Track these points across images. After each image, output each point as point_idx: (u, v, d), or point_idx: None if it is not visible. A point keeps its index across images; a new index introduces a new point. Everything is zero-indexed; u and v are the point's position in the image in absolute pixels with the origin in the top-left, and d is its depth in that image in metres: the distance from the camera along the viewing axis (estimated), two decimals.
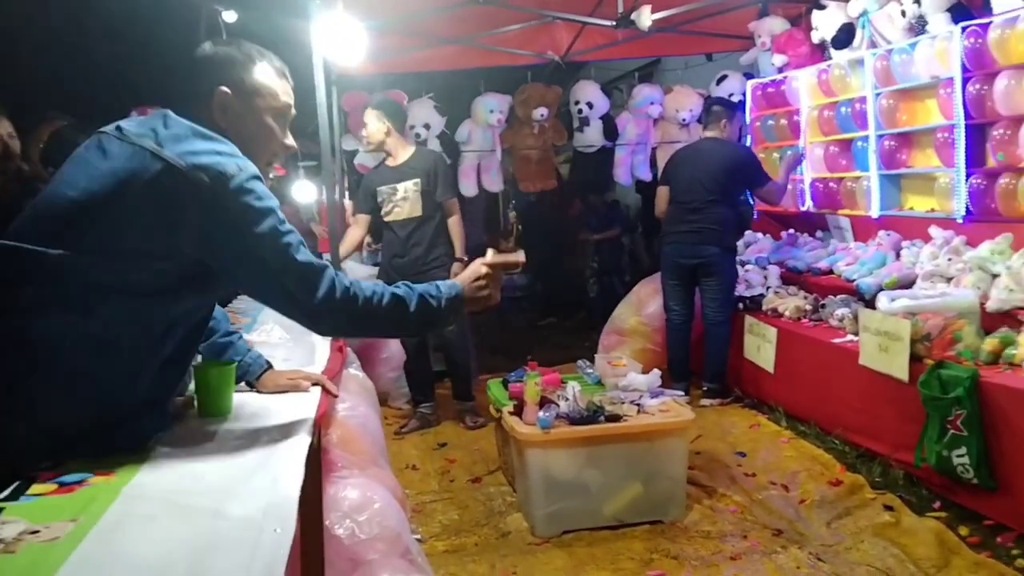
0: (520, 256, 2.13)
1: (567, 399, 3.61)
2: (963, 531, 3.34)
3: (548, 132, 6.83)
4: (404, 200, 5.15)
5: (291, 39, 4.24)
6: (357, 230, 5.42)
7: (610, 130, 6.89)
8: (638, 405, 3.71)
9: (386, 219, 5.22)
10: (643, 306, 6.00)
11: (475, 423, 5.28)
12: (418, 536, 3.50)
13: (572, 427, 3.51)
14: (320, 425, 2.21)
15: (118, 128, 1.75)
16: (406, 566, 2.59)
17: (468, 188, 6.81)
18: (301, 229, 6.48)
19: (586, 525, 3.56)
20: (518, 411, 3.65)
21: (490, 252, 2.11)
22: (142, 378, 1.70)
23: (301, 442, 1.79)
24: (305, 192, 9.02)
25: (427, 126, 6.52)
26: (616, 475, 3.58)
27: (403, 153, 5.17)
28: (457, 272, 4.99)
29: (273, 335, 2.99)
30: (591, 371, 4.29)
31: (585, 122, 6.84)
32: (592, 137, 6.88)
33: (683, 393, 4.47)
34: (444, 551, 3.47)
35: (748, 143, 6.71)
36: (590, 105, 6.77)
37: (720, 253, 5.33)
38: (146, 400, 1.73)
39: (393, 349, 5.70)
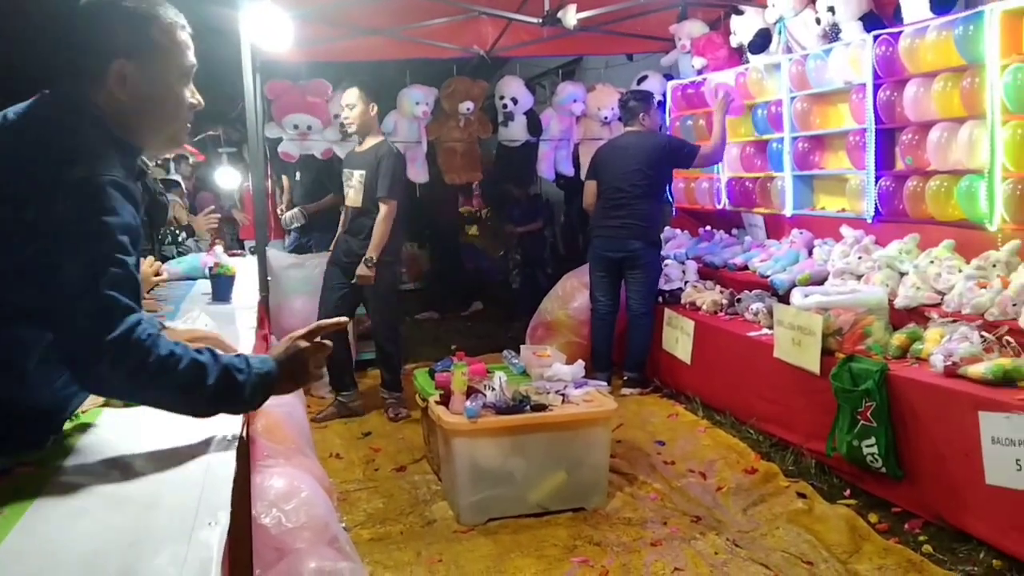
0: (343, 320, 1.89)
1: (493, 389, 3.64)
2: (872, 518, 3.49)
3: (474, 125, 6.84)
4: (351, 188, 5.20)
5: (216, 26, 4.16)
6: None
7: (534, 125, 6.94)
8: (563, 395, 3.77)
9: (345, 201, 5.35)
10: (569, 300, 6.07)
11: (396, 415, 5.26)
12: (343, 525, 3.47)
13: (498, 417, 3.54)
14: (248, 415, 2.18)
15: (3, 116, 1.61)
16: (334, 554, 2.57)
17: None
18: (223, 216, 6.32)
19: (511, 513, 3.59)
20: (444, 401, 3.66)
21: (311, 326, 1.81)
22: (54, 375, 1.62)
23: (231, 430, 1.76)
24: (228, 178, 8.86)
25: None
26: (541, 464, 3.63)
27: (370, 140, 5.20)
28: (361, 273, 5.03)
29: (199, 323, 2.92)
30: (517, 361, 4.33)
31: (510, 117, 6.87)
32: (516, 132, 6.92)
33: (605, 383, 4.55)
34: (369, 539, 3.46)
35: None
36: (515, 100, 6.80)
37: (645, 247, 5.46)
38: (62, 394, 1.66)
39: None
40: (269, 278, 4.99)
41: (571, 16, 5.19)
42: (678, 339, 5.42)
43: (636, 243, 5.45)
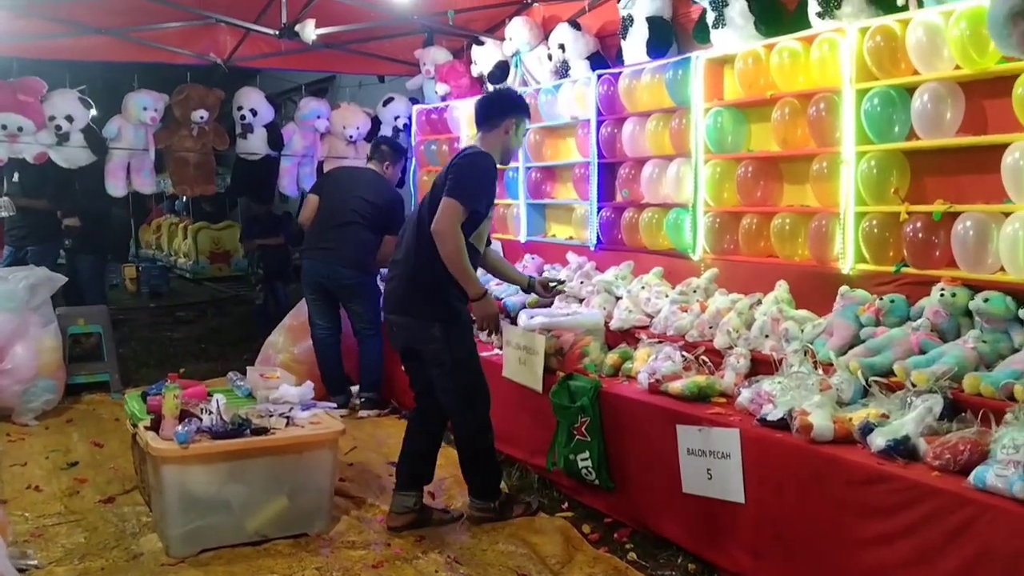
0: None
1: (210, 412, 3.45)
2: (586, 529, 3.67)
3: (209, 136, 6.53)
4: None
5: None
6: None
7: (275, 139, 6.76)
8: (287, 418, 3.65)
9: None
10: (296, 341, 5.80)
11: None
12: (34, 562, 3.16)
13: (214, 441, 3.36)
14: None
15: None
16: None
17: (117, 188, 6.34)
18: None
19: (227, 542, 3.41)
20: (155, 426, 3.42)
21: None
22: None
23: None
24: None
25: (69, 118, 5.94)
26: (261, 489, 3.48)
27: None
28: None
29: None
30: (242, 384, 4.15)
31: (248, 129, 6.65)
32: (256, 145, 6.70)
33: (336, 406, 4.46)
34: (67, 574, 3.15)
35: (413, 165, 6.95)
36: (254, 112, 6.59)
37: (358, 276, 5.42)
38: None
39: (18, 359, 5.12)
40: None
41: (310, 31, 5.13)
42: None
43: (349, 271, 5.40)
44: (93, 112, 6.16)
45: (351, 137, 6.97)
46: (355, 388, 5.62)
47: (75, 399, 5.75)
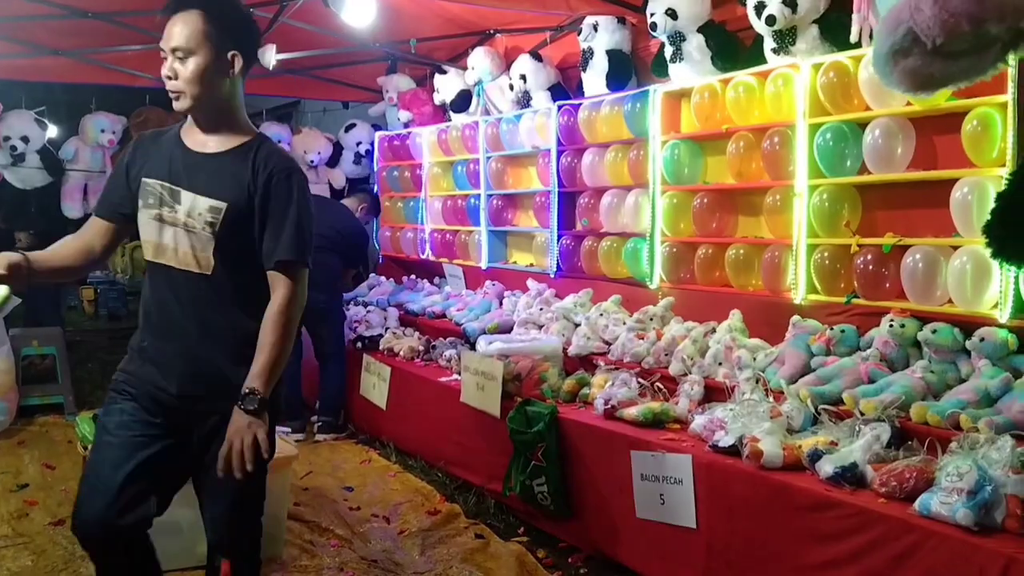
0: None
1: None
2: (541, 554, 3.67)
3: None
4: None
5: None
6: None
7: None
8: None
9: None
10: None
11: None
12: None
13: None
14: None
15: None
16: None
17: (73, 209, 6.28)
18: None
19: (177, 566, 3.35)
20: None
21: None
22: None
23: None
24: None
25: (25, 139, 5.89)
26: None
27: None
28: None
29: None
30: None
31: None
32: None
33: (291, 431, 4.43)
34: None
35: (375, 190, 6.99)
36: None
37: (328, 300, 5.43)
38: None
39: None
40: None
41: (270, 55, 5.14)
42: (375, 384, 5.43)
43: (319, 295, 5.36)
44: (51, 133, 6.11)
45: (312, 162, 6.98)
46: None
47: (28, 420, 5.64)
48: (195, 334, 2.31)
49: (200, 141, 2.34)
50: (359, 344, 5.65)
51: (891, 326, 3.30)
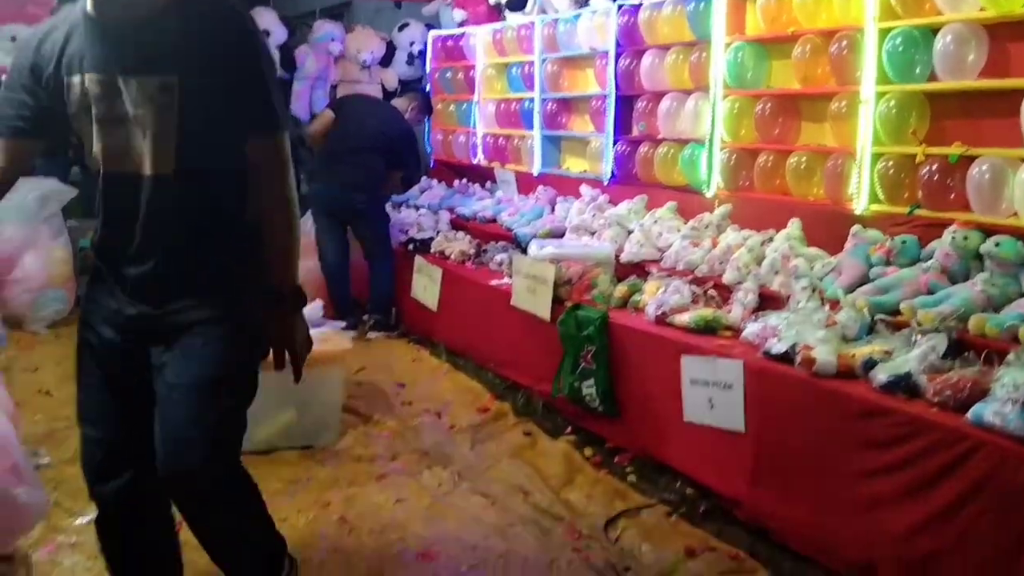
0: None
1: None
2: (588, 452, 3.75)
3: None
4: None
5: None
6: None
7: (288, 62, 6.71)
8: None
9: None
10: (303, 259, 5.88)
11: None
12: (46, 461, 3.25)
13: None
14: None
15: None
16: (13, 480, 2.42)
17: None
18: None
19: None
20: None
21: None
22: None
23: None
24: None
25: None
26: (269, 402, 3.53)
27: None
28: None
29: None
30: None
31: None
32: None
33: (344, 326, 4.53)
34: (77, 474, 3.24)
35: (427, 89, 6.92)
36: (267, 33, 6.52)
37: (367, 200, 5.48)
38: None
39: (28, 269, 5.19)
40: None
41: None
42: (426, 286, 5.50)
43: (360, 195, 5.45)
44: None
45: (365, 61, 6.92)
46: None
47: None
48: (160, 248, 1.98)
49: (118, 4, 1.87)
50: (410, 246, 5.70)
51: (953, 238, 3.22)
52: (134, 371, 2.04)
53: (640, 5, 4.74)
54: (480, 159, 6.47)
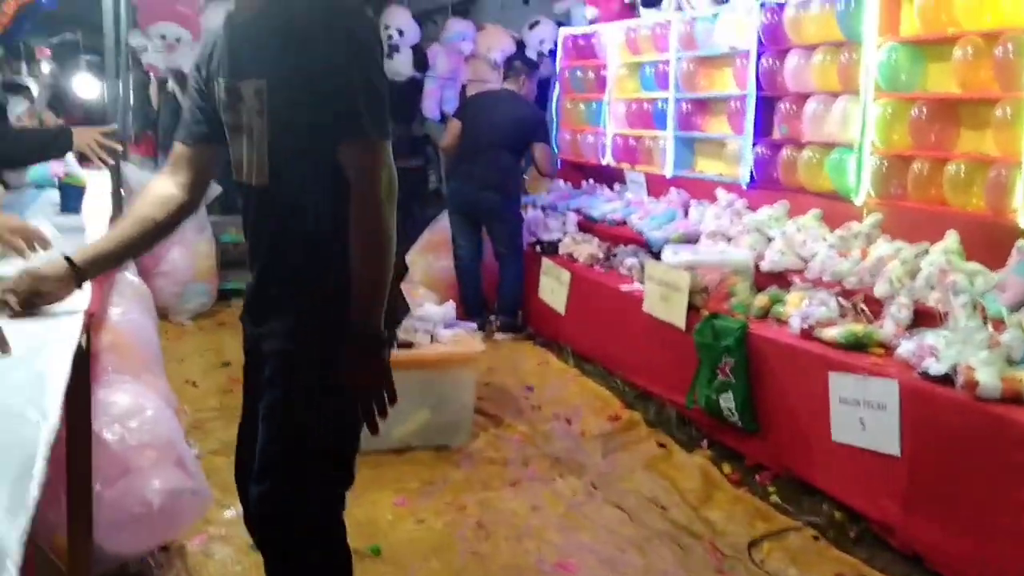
0: None
1: None
2: (726, 468, 3.63)
3: None
4: None
5: None
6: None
7: (420, 60, 6.78)
8: (431, 334, 3.74)
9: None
10: (432, 261, 5.95)
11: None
12: (195, 451, 3.36)
13: None
14: (90, 325, 2.06)
15: None
16: (179, 475, 2.50)
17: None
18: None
19: (372, 448, 3.53)
20: None
21: None
22: None
23: (69, 337, 1.68)
24: (88, 87, 8.33)
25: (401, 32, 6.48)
26: (406, 401, 3.54)
27: None
28: None
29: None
30: None
31: (395, 49, 6.69)
32: (401, 65, 6.75)
33: (476, 327, 4.54)
34: (224, 467, 3.35)
35: (556, 91, 6.87)
36: (401, 32, 6.64)
37: (501, 199, 5.52)
38: None
39: (175, 262, 5.41)
40: (124, 194, 4.71)
41: None
42: (553, 289, 5.47)
43: (492, 195, 5.51)
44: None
45: (496, 61, 6.92)
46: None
47: (226, 303, 6.03)
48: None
49: (239, 6, 1.82)
50: (538, 247, 5.68)
51: None
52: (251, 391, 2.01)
53: (785, 3, 4.56)
54: (608, 160, 6.38)
